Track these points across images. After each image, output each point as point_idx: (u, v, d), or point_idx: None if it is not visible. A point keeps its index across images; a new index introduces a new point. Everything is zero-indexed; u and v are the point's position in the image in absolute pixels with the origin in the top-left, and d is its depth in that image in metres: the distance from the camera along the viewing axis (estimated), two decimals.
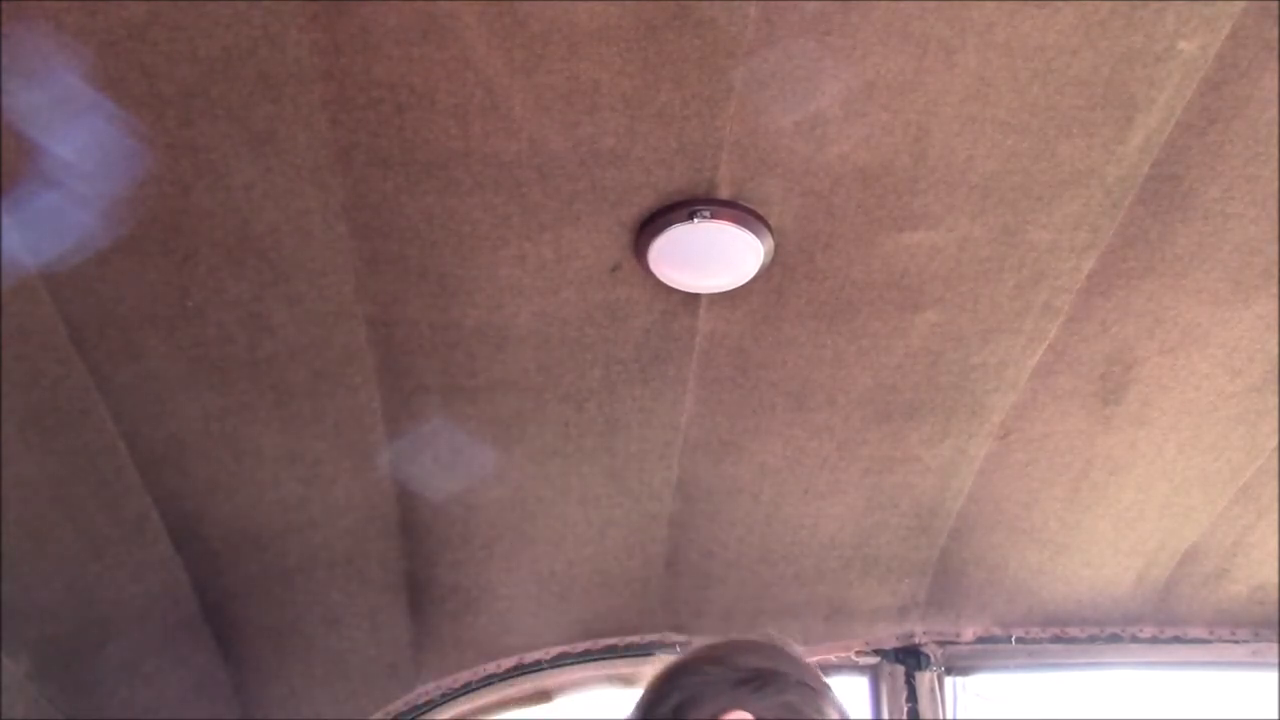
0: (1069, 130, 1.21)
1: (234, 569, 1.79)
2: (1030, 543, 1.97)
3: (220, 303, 1.35)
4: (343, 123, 1.15)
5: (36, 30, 1.00)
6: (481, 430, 1.63)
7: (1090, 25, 1.09)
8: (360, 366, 1.50)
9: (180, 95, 1.09)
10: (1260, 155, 1.26)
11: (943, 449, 1.75)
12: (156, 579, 1.73)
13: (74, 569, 1.62)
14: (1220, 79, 1.17)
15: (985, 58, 1.12)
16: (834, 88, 1.15)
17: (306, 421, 1.56)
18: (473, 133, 1.17)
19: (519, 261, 1.35)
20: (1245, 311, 1.49)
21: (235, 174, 1.19)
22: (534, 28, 1.06)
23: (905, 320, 1.49)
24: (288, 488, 1.67)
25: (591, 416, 1.63)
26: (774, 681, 1.23)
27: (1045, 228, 1.35)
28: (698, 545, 1.95)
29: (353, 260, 1.33)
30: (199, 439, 1.54)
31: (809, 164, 1.24)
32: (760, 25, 1.07)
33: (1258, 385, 1.62)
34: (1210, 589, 2.06)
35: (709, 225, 1.29)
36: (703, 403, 1.65)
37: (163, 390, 1.46)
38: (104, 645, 1.74)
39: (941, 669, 2.20)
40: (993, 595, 2.10)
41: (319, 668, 2.01)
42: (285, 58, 1.07)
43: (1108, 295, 1.47)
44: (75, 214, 1.20)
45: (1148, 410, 1.67)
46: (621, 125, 1.17)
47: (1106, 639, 2.16)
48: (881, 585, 2.07)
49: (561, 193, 1.26)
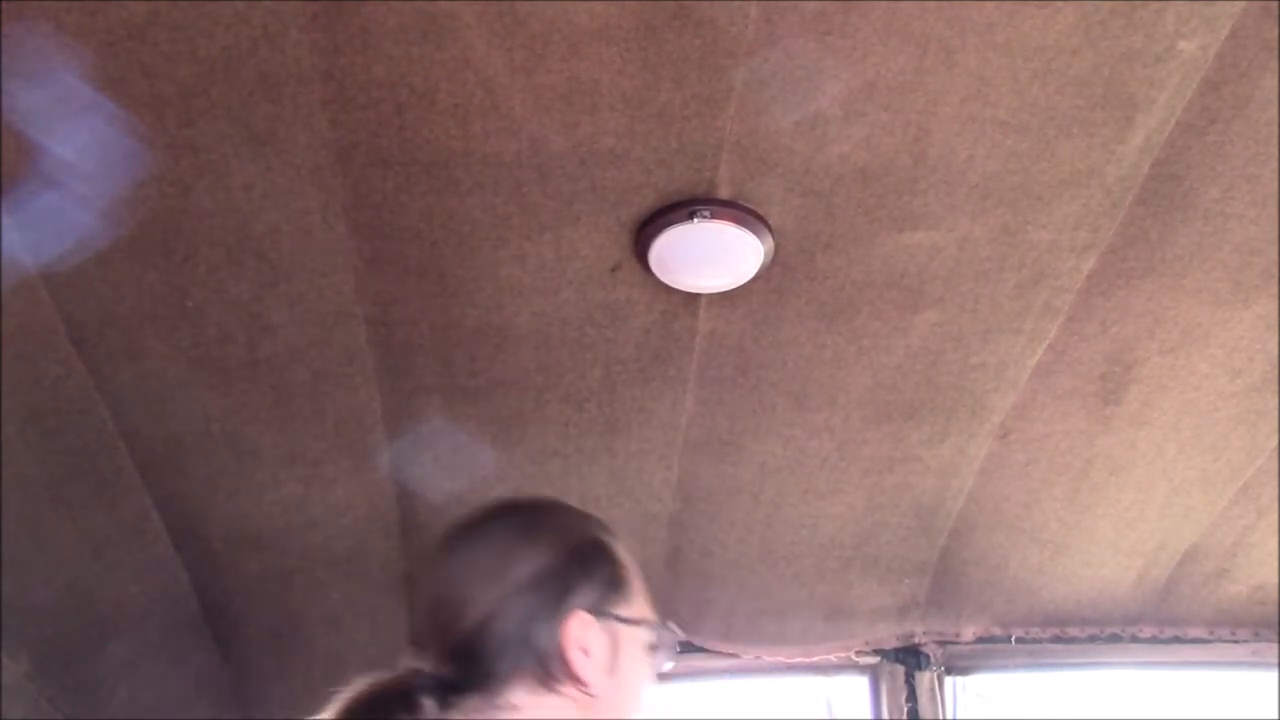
0: (1069, 130, 1.21)
1: (234, 569, 1.79)
2: (1030, 543, 1.97)
3: (220, 303, 1.35)
4: (343, 123, 1.15)
5: (36, 30, 1.00)
6: (481, 430, 1.63)
7: (1090, 25, 1.09)
8: (360, 366, 1.50)
9: (180, 95, 1.09)
10: (1260, 155, 1.26)
11: (943, 449, 1.75)
12: (156, 579, 1.73)
13: (74, 569, 1.62)
14: (1220, 79, 1.17)
15: (985, 58, 1.12)
16: (834, 88, 1.15)
17: (306, 421, 1.56)
18: (473, 133, 1.17)
19: (519, 261, 1.35)
20: (1245, 311, 1.49)
21: (235, 174, 1.19)
22: (534, 28, 1.06)
23: (905, 320, 1.49)
24: (288, 488, 1.67)
25: (591, 416, 1.63)
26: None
27: (1045, 228, 1.35)
28: (698, 545, 1.95)
29: (353, 260, 1.33)
30: (199, 439, 1.55)
31: (809, 164, 1.24)
32: (760, 25, 1.07)
33: (1258, 385, 1.62)
34: (1210, 589, 2.06)
35: (709, 225, 1.29)
36: (703, 403, 1.65)
37: (163, 390, 1.46)
38: (104, 645, 1.74)
39: (941, 669, 2.20)
40: (993, 595, 2.10)
41: (319, 668, 2.01)
42: (285, 58, 1.07)
43: (1108, 295, 1.47)
44: (75, 214, 1.20)
45: (1148, 410, 1.67)
46: (621, 125, 1.17)
47: (1106, 639, 2.17)
48: (881, 585, 2.07)
49: (561, 193, 1.26)
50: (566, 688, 1.13)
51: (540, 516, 1.25)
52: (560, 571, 1.17)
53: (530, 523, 1.22)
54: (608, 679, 1.18)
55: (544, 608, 1.14)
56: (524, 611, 1.13)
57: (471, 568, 1.17)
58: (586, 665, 1.15)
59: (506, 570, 1.15)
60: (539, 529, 1.20)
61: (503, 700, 1.11)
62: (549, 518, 1.25)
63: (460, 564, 1.18)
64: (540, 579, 1.15)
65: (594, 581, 1.20)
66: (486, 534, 1.20)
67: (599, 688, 1.16)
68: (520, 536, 1.19)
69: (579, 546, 1.22)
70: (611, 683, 1.18)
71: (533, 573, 1.15)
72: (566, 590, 1.15)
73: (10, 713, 1.63)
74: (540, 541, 1.18)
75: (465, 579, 1.16)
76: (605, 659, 1.18)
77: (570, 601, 1.15)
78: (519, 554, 1.16)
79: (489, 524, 1.22)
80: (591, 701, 1.15)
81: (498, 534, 1.20)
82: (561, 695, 1.13)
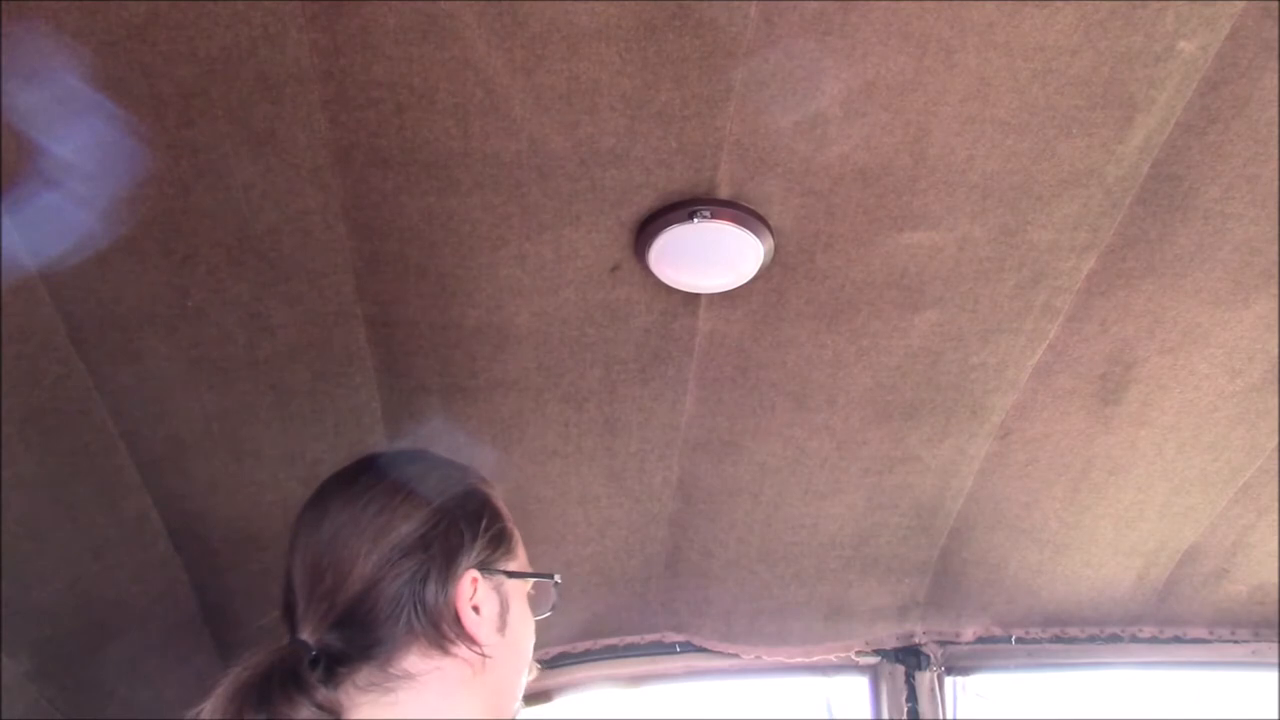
0: (1069, 130, 1.21)
1: (234, 569, 1.79)
2: (1030, 543, 1.97)
3: (220, 303, 1.35)
4: (343, 123, 1.15)
5: (36, 30, 1.00)
6: (481, 430, 1.63)
7: (1090, 25, 1.09)
8: (360, 366, 1.50)
9: (180, 95, 1.09)
10: (1260, 155, 1.26)
11: (943, 449, 1.75)
12: (156, 579, 1.73)
13: (74, 569, 1.62)
14: (1220, 79, 1.17)
15: (985, 58, 1.12)
16: (834, 88, 1.15)
17: (306, 421, 1.56)
18: (473, 133, 1.17)
19: (519, 261, 1.35)
20: (1245, 311, 1.49)
21: (235, 174, 1.19)
22: (534, 28, 1.06)
23: (905, 320, 1.49)
24: (288, 488, 1.67)
25: (591, 416, 1.63)
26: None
27: (1045, 228, 1.35)
28: (698, 545, 1.95)
29: (353, 260, 1.33)
30: (199, 439, 1.54)
31: (809, 164, 1.24)
32: (760, 25, 1.07)
33: (1258, 385, 1.62)
34: (1210, 589, 2.06)
35: (709, 225, 1.29)
36: (703, 403, 1.65)
37: (163, 390, 1.46)
38: (104, 645, 1.74)
39: (941, 669, 2.20)
40: (993, 595, 2.10)
41: None
42: (285, 58, 1.07)
43: (1108, 295, 1.47)
44: (75, 214, 1.20)
45: (1148, 410, 1.68)
46: (621, 125, 1.17)
47: (1106, 639, 2.17)
48: (881, 585, 2.07)
49: (561, 193, 1.26)
50: (459, 649, 1.08)
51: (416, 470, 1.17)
52: (446, 529, 1.10)
53: (408, 477, 1.14)
54: (499, 637, 1.12)
55: (434, 568, 1.07)
56: (412, 572, 1.07)
57: (351, 529, 1.09)
58: (479, 624, 1.09)
59: (390, 529, 1.08)
60: (419, 482, 1.13)
61: (396, 668, 1.05)
62: (426, 471, 1.17)
63: (338, 525, 1.10)
64: (426, 537, 1.09)
65: (481, 537, 1.13)
66: (362, 492, 1.12)
67: (491, 647, 1.10)
68: (399, 493, 1.11)
69: (462, 501, 1.15)
70: (503, 640, 1.13)
71: (417, 530, 1.09)
72: (456, 548, 1.09)
73: (10, 713, 1.63)
74: (418, 497, 1.11)
75: (345, 541, 1.08)
76: (496, 616, 1.14)
77: (460, 560, 1.09)
78: (401, 511, 1.09)
79: (362, 480, 1.14)
80: (485, 661, 1.09)
81: (375, 491, 1.12)
82: (455, 657, 1.08)
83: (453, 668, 1.09)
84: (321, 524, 1.12)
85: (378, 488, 1.13)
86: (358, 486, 1.14)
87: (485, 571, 1.13)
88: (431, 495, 1.13)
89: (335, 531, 1.10)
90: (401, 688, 1.06)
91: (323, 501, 1.15)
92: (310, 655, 1.05)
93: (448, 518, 1.13)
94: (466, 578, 1.11)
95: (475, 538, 1.14)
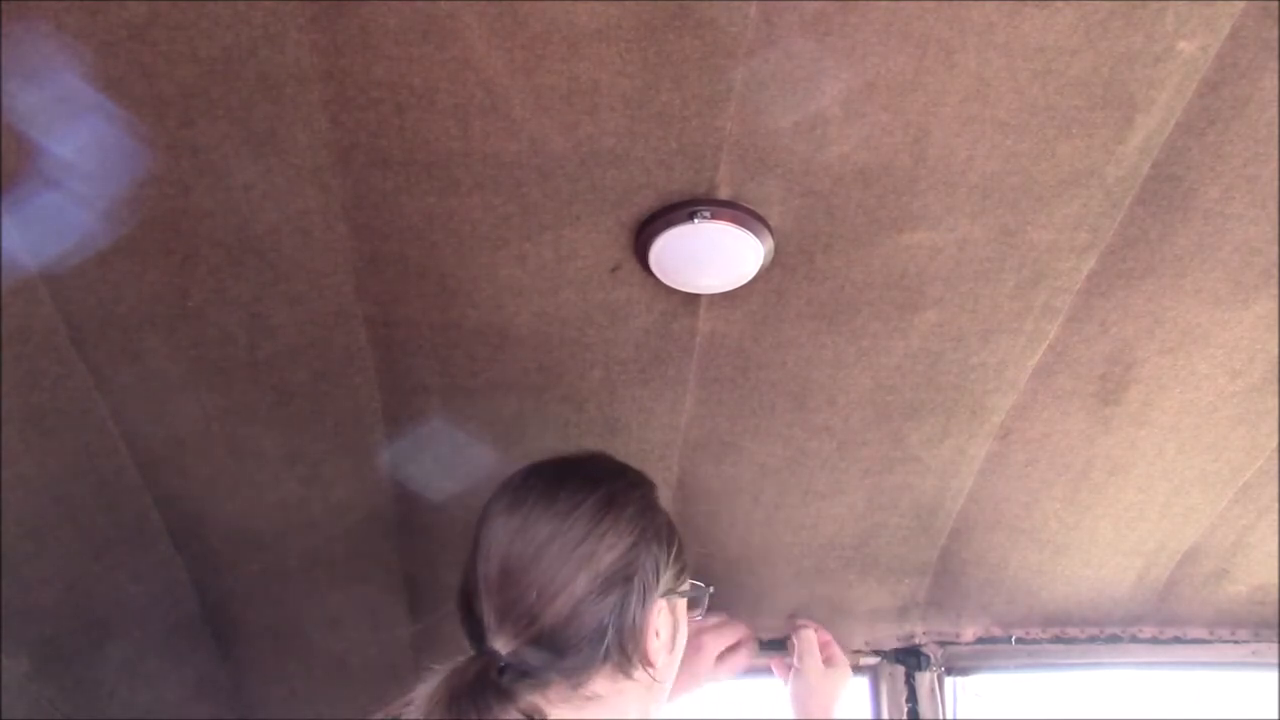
0: (1069, 130, 1.21)
1: (234, 569, 1.79)
2: (1030, 543, 1.97)
3: (220, 303, 1.35)
4: (343, 123, 1.15)
5: (36, 30, 1.00)
6: (481, 430, 1.63)
7: (1090, 25, 1.09)
8: (360, 366, 1.50)
9: (180, 95, 1.09)
10: (1260, 155, 1.26)
11: (943, 449, 1.75)
12: (156, 579, 1.73)
13: (74, 569, 1.62)
14: (1220, 79, 1.17)
15: (985, 58, 1.12)
16: (834, 88, 1.15)
17: (306, 421, 1.56)
18: (473, 133, 1.17)
19: (519, 261, 1.35)
20: (1245, 311, 1.49)
21: (235, 174, 1.19)
22: (534, 28, 1.06)
23: (905, 320, 1.49)
24: (288, 488, 1.67)
25: (591, 417, 1.63)
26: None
27: (1045, 228, 1.35)
28: (698, 545, 1.95)
29: (353, 260, 1.33)
30: (199, 439, 1.54)
31: (809, 164, 1.24)
32: (760, 25, 1.07)
33: (1258, 385, 1.61)
34: (1210, 589, 2.06)
35: (709, 226, 1.29)
36: (703, 403, 1.65)
37: (163, 390, 1.46)
38: (104, 645, 1.74)
39: (941, 669, 2.20)
40: (993, 595, 2.10)
41: (319, 668, 2.01)
42: (285, 58, 1.07)
43: (1108, 295, 1.47)
44: (75, 214, 1.20)
45: (1148, 410, 1.67)
46: (621, 125, 1.17)
47: (1106, 639, 2.17)
48: (881, 585, 2.07)
49: (561, 193, 1.26)
50: (639, 672, 1.12)
51: (617, 488, 1.20)
52: (644, 560, 1.13)
53: (609, 499, 1.16)
54: (669, 656, 1.17)
55: (634, 598, 1.11)
56: (617, 603, 1.10)
57: (557, 551, 1.11)
58: (659, 650, 1.14)
59: (596, 558, 1.11)
60: (619, 506, 1.15)
61: (587, 689, 1.09)
62: (625, 491, 1.20)
63: (540, 542, 1.12)
64: (629, 568, 1.12)
65: (672, 566, 1.18)
66: (568, 510, 1.14)
67: (663, 669, 1.15)
68: (604, 518, 1.14)
69: (657, 528, 1.18)
70: (670, 659, 1.17)
71: (622, 560, 1.12)
72: (653, 580, 1.13)
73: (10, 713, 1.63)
74: (623, 522, 1.14)
75: (550, 562, 1.10)
76: (670, 639, 1.17)
77: (655, 590, 1.13)
78: (607, 541, 1.12)
79: (564, 494, 1.16)
80: (654, 682, 1.14)
81: (581, 512, 1.14)
82: (634, 680, 1.12)
83: (631, 690, 1.14)
84: (522, 534, 1.14)
85: (583, 507, 1.16)
86: (561, 502, 1.16)
87: (669, 596, 1.16)
88: (632, 520, 1.17)
89: (539, 549, 1.12)
90: (588, 708, 1.10)
91: (521, 507, 1.16)
92: (508, 668, 1.08)
93: (647, 548, 1.16)
94: (657, 606, 1.13)
95: (667, 566, 1.18)
